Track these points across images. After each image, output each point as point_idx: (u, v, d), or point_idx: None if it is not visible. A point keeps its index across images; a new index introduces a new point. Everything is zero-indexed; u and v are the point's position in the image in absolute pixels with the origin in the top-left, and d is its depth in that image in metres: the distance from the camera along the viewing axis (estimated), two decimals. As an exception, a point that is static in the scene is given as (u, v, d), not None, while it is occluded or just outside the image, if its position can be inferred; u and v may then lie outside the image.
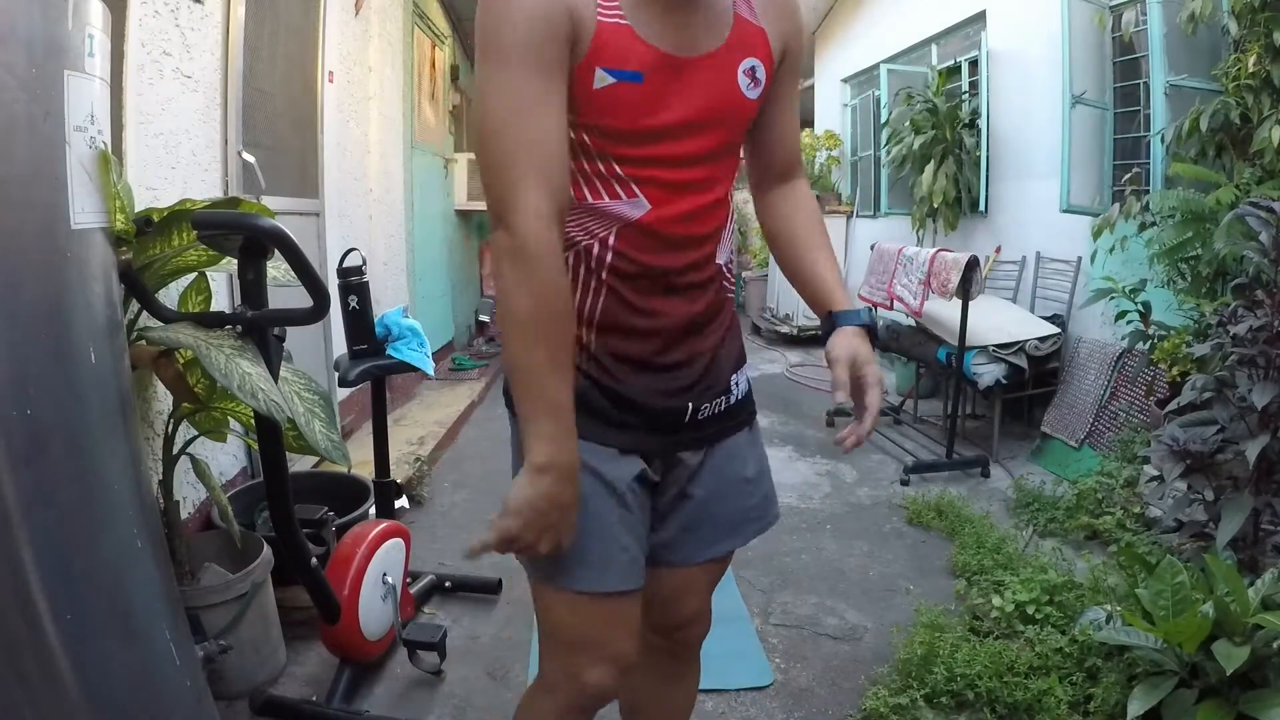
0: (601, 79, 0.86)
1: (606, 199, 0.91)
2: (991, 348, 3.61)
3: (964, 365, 3.57)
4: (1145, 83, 3.39)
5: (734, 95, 0.94)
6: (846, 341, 0.99)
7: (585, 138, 0.89)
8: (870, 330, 1.02)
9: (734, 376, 1.07)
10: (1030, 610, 2.06)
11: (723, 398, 1.05)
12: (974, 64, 4.65)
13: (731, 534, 1.12)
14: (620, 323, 0.95)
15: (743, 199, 10.11)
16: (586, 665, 1.00)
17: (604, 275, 0.94)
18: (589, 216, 0.93)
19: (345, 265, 2.11)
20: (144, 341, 1.47)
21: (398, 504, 2.62)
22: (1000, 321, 3.78)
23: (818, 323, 1.08)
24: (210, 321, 1.44)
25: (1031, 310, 4.05)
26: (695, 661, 1.29)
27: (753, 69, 0.94)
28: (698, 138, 0.92)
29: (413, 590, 2.18)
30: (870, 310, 1.18)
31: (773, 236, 1.12)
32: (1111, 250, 3.19)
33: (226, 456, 2.40)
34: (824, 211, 6.90)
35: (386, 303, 3.65)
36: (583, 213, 0.93)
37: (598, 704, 1.05)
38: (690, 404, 1.01)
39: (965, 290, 3.40)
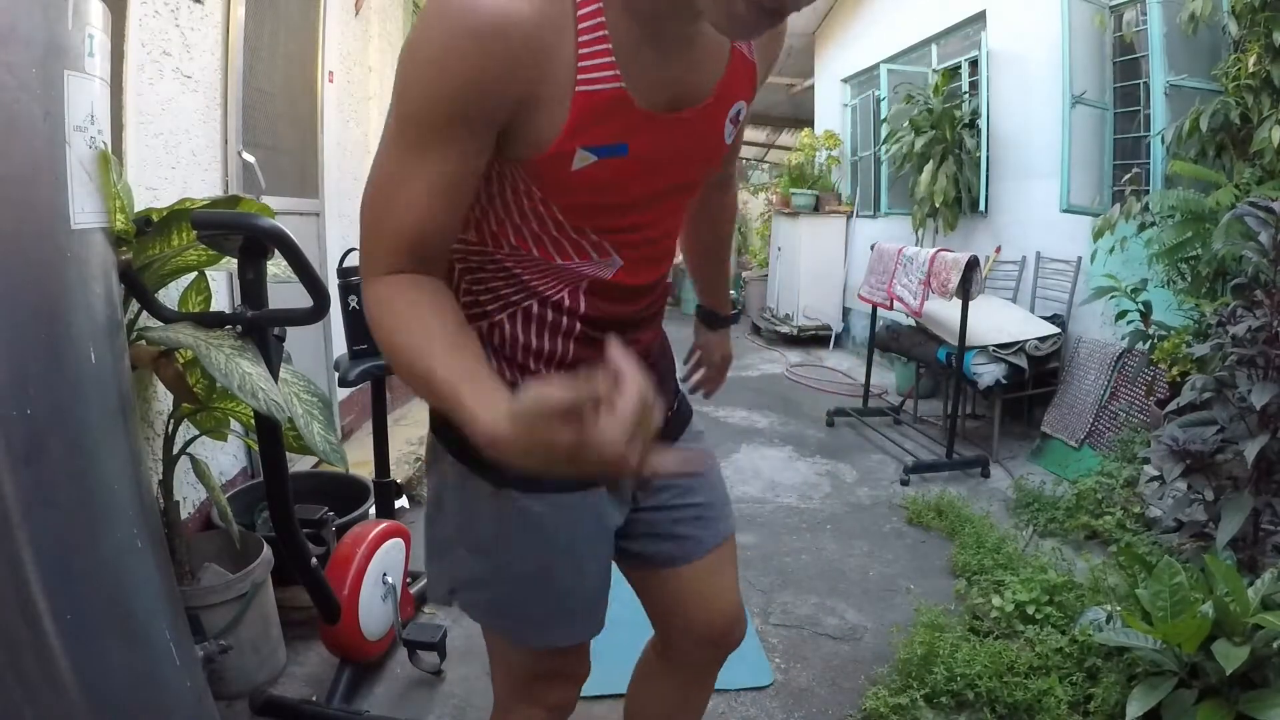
0: (583, 159, 0.74)
1: (577, 260, 0.84)
2: (991, 348, 3.61)
3: (964, 365, 3.57)
4: (1145, 83, 3.39)
5: (718, 146, 0.87)
6: (721, 341, 1.33)
7: (557, 215, 0.80)
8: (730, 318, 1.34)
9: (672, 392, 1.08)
10: (1030, 610, 2.06)
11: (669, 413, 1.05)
12: (974, 64, 4.65)
13: (725, 515, 1.10)
14: (594, 364, 0.89)
15: (742, 199, 10.14)
16: (551, 690, 1.05)
17: (576, 323, 0.88)
18: (557, 275, 0.86)
19: (345, 265, 2.11)
20: (144, 341, 1.47)
21: (398, 504, 2.62)
22: (1000, 321, 3.78)
23: (818, 323, 1.13)
24: (210, 321, 1.44)
25: (1031, 310, 4.05)
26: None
27: (738, 112, 0.87)
28: (677, 197, 0.88)
29: (413, 590, 2.18)
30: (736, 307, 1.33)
31: (694, 223, 1.21)
32: (1111, 250, 3.20)
33: (226, 456, 2.39)
34: (824, 211, 6.94)
35: (386, 303, 3.65)
36: (550, 273, 0.85)
37: (563, 718, 1.09)
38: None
39: (965, 290, 3.40)
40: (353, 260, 2.12)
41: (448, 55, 0.67)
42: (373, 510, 2.29)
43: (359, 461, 2.51)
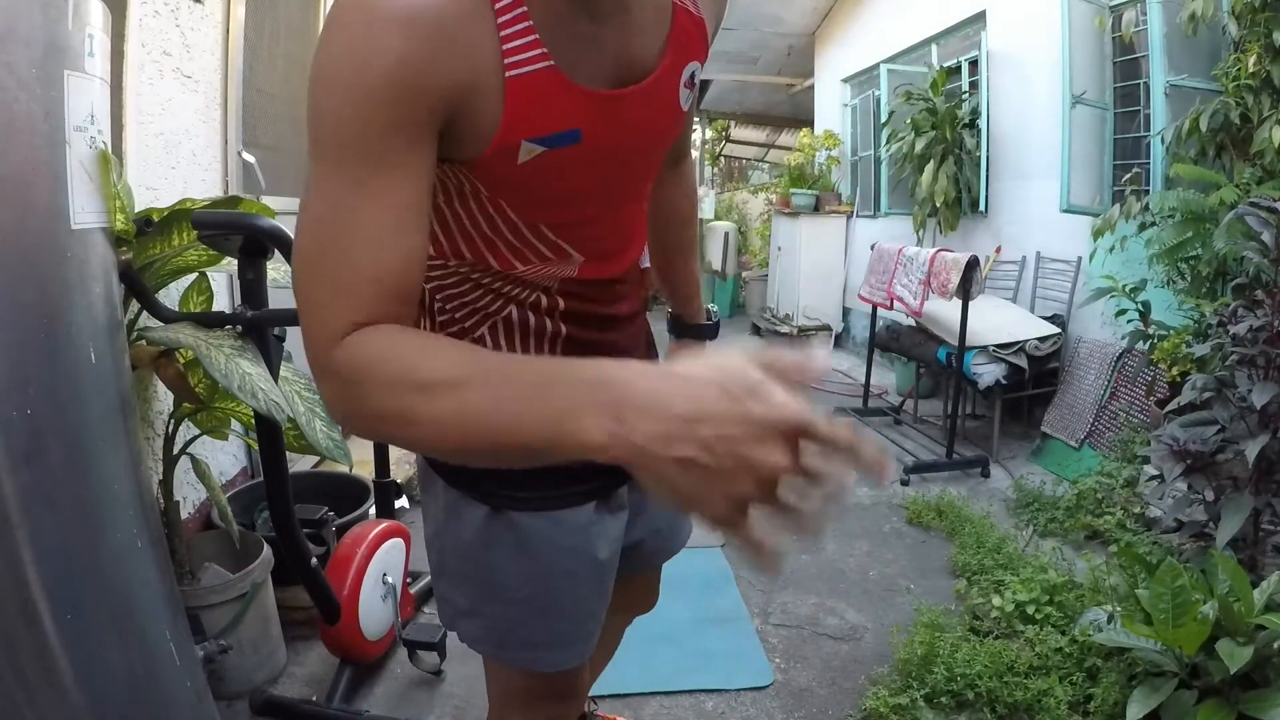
0: (529, 151, 0.67)
1: (537, 263, 0.78)
2: (991, 348, 3.61)
3: (964, 365, 3.57)
4: (1145, 83, 3.39)
5: (675, 116, 0.80)
6: (686, 351, 1.16)
7: (508, 212, 0.73)
8: (713, 330, 1.21)
9: None
10: (1030, 610, 2.07)
11: None
12: (974, 64, 4.65)
13: (662, 548, 1.13)
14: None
15: (741, 199, 10.14)
16: (549, 706, 1.03)
17: (560, 325, 0.84)
18: (521, 283, 0.81)
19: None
20: (144, 341, 1.47)
21: (398, 504, 2.62)
22: (1000, 321, 3.78)
23: (818, 323, 1.12)
24: (210, 321, 1.44)
25: (1031, 310, 4.05)
26: None
27: (692, 74, 0.79)
28: (636, 182, 0.82)
29: (413, 590, 2.18)
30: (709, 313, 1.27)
31: (652, 222, 1.06)
32: (1111, 250, 3.19)
33: (226, 456, 2.40)
34: (824, 211, 6.92)
35: (386, 303, 3.65)
36: (513, 280, 0.80)
37: None
38: None
39: (965, 290, 3.40)
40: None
41: (364, 58, 0.58)
42: (373, 510, 2.29)
43: (359, 461, 2.50)
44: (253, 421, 1.63)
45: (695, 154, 11.48)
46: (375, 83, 0.58)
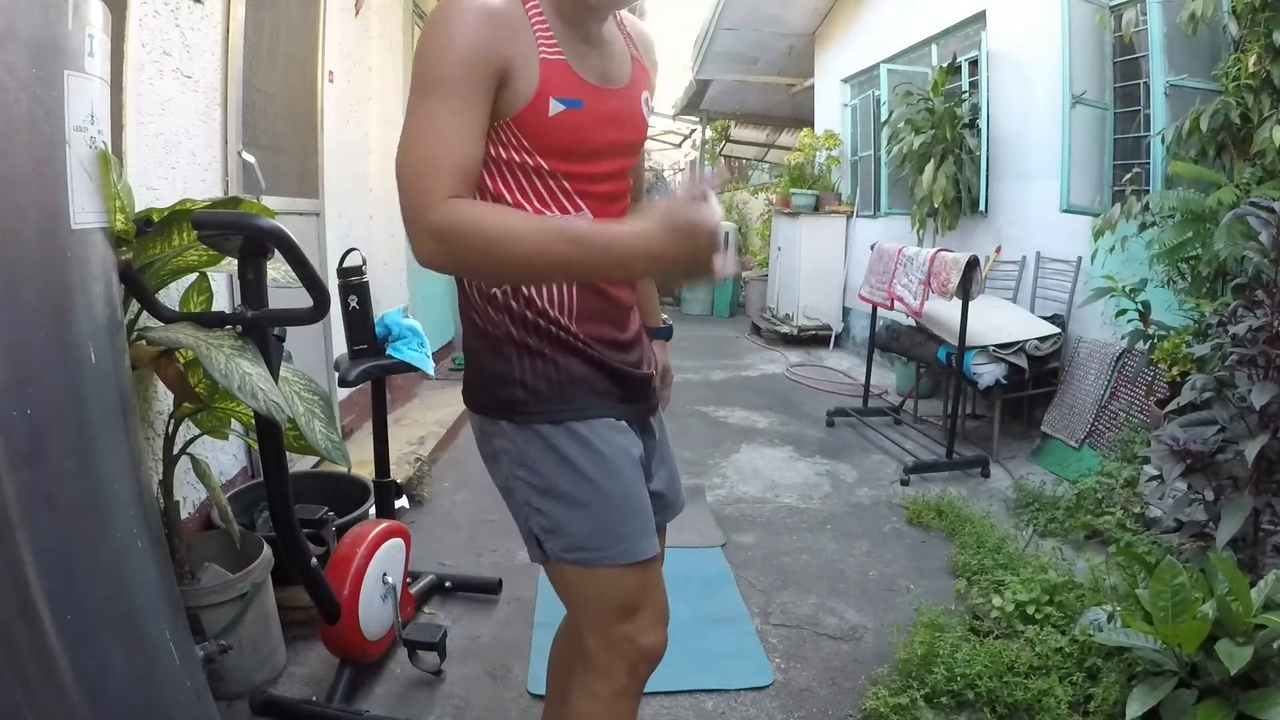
0: (555, 107, 0.99)
1: (556, 213, 1.03)
2: (991, 348, 3.61)
3: (964, 365, 3.57)
4: (1145, 83, 3.39)
5: (641, 121, 1.13)
6: (663, 352, 1.35)
7: (541, 161, 1.01)
8: (667, 331, 1.40)
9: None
10: (1030, 610, 2.07)
11: (649, 367, 1.22)
12: (974, 64, 4.65)
13: (674, 504, 1.25)
14: (593, 309, 1.08)
15: (741, 199, 10.14)
16: (643, 630, 1.09)
17: None
18: None
19: (345, 265, 2.11)
20: (144, 341, 1.47)
21: (398, 504, 2.62)
22: (1000, 321, 3.78)
23: (818, 323, 1.20)
24: (210, 321, 1.44)
25: (1031, 310, 4.06)
26: None
27: (646, 99, 1.13)
28: (620, 157, 1.10)
29: (413, 590, 2.18)
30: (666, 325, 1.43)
31: None
32: (1111, 250, 3.19)
33: (226, 456, 2.40)
34: (824, 211, 6.94)
35: (386, 303, 3.65)
36: None
37: (652, 668, 1.12)
38: (649, 371, 1.19)
39: (965, 290, 3.40)
40: (352, 260, 2.12)
41: (459, 28, 0.93)
42: (373, 510, 2.29)
43: (359, 462, 2.50)
44: (253, 421, 1.63)
45: (695, 154, 11.51)
46: (462, 49, 0.92)
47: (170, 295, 1.67)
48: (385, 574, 1.91)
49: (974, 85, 4.64)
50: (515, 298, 1.05)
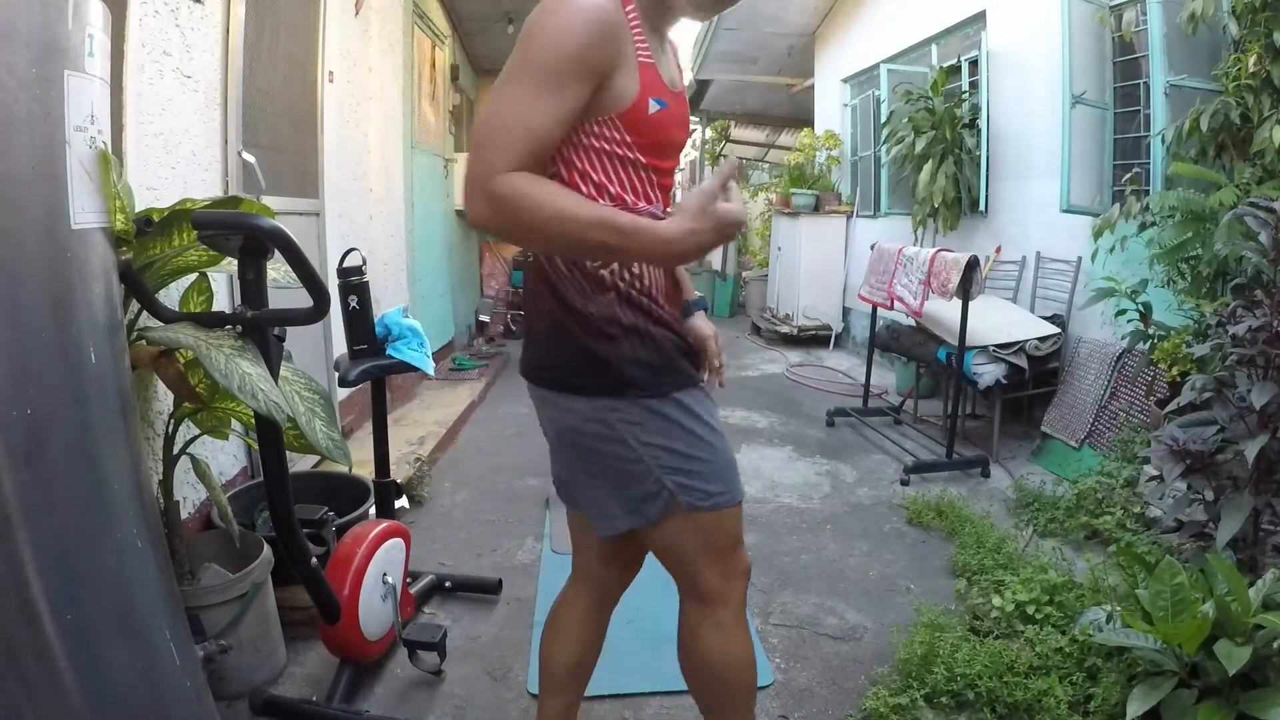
0: (653, 107, 1.09)
1: (644, 204, 1.14)
2: (991, 348, 3.61)
3: (964, 365, 3.57)
4: (1145, 83, 3.39)
5: (689, 121, 1.25)
6: (706, 322, 1.43)
7: (639, 155, 1.12)
8: (702, 302, 1.48)
9: None
10: (1030, 610, 2.06)
11: None
12: (974, 64, 4.65)
13: None
14: (667, 289, 1.22)
15: (742, 199, 10.12)
16: (743, 555, 1.28)
17: None
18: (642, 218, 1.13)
19: (345, 265, 2.11)
20: (144, 341, 1.47)
21: (398, 504, 2.62)
22: (1000, 321, 3.78)
23: (818, 323, 1.27)
24: (210, 321, 1.44)
25: (1031, 310, 4.05)
26: None
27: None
28: (679, 154, 1.23)
29: (413, 590, 2.18)
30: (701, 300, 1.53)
31: None
32: (1111, 250, 3.19)
33: (226, 456, 2.40)
34: (824, 211, 6.93)
35: (386, 303, 3.66)
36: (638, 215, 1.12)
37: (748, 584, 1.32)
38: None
39: (965, 290, 3.40)
40: (352, 260, 2.12)
41: (568, 26, 1.00)
42: (373, 510, 2.29)
43: (359, 462, 2.50)
44: (253, 421, 1.63)
45: (695, 154, 11.49)
46: (568, 46, 1.00)
47: (170, 295, 1.67)
48: (385, 574, 1.91)
49: (974, 85, 4.64)
50: (621, 277, 1.13)
